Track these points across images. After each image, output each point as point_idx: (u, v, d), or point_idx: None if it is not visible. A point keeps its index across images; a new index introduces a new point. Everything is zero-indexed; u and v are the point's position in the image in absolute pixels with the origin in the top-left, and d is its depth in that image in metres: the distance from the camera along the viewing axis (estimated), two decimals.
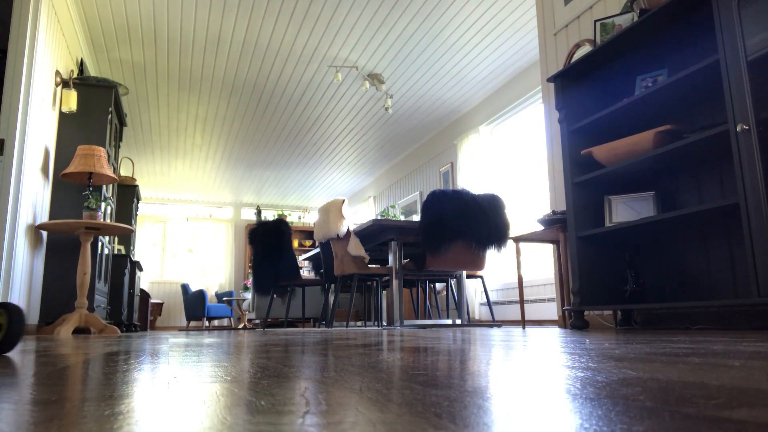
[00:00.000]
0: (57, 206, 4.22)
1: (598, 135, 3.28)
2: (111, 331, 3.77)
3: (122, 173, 7.74)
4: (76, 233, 3.92)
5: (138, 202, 6.83)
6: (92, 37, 5.05)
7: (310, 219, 11.97)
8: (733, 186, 2.71)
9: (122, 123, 5.51)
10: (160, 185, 10.03)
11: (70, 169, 3.88)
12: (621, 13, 3.18)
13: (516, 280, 5.63)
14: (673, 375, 0.68)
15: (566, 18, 3.94)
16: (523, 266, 5.65)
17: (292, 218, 11.87)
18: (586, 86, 3.34)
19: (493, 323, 4.77)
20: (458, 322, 4.67)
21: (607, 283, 3.12)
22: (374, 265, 5.19)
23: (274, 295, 5.49)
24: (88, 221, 3.76)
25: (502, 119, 6.33)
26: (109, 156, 4.51)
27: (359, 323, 7.36)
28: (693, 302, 2.46)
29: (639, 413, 0.41)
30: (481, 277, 4.75)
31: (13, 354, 1.37)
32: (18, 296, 3.50)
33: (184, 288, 9.41)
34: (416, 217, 8.14)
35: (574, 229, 3.12)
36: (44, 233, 4.12)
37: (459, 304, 4.60)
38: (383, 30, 5.00)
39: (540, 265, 5.45)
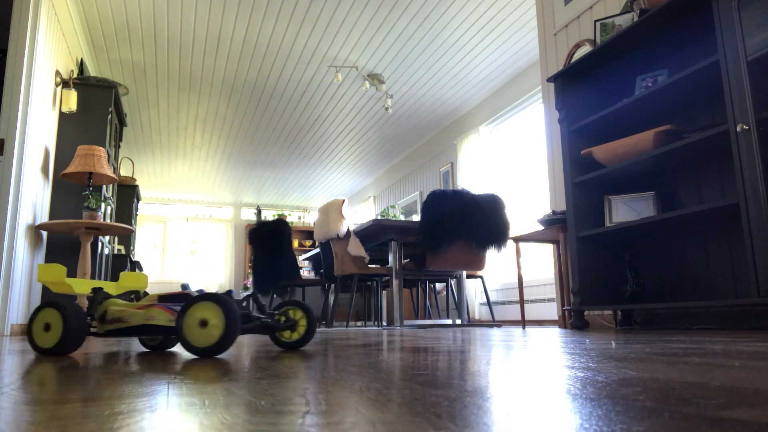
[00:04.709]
0: (57, 206, 4.22)
1: (598, 135, 3.28)
2: None
3: (122, 173, 7.74)
4: (76, 233, 3.92)
5: (138, 202, 6.84)
6: (92, 37, 5.05)
7: (310, 219, 11.97)
8: (733, 186, 2.71)
9: (122, 123, 5.51)
10: (160, 185, 10.03)
11: (70, 169, 3.88)
12: (621, 13, 3.19)
13: (516, 280, 5.63)
14: (673, 375, 0.68)
15: (566, 18, 3.94)
16: (523, 266, 5.66)
17: (292, 218, 11.86)
18: (586, 86, 3.34)
19: (493, 323, 4.77)
20: (458, 322, 4.67)
21: (607, 283, 3.12)
22: (374, 265, 5.19)
23: (274, 295, 5.49)
24: (88, 221, 3.76)
25: (502, 119, 6.33)
26: (109, 156, 4.51)
27: (359, 323, 7.36)
28: (693, 302, 2.46)
29: (639, 413, 0.41)
30: (481, 277, 4.75)
31: (6, 355, 1.37)
32: (18, 296, 3.50)
33: (184, 288, 9.40)
34: (416, 217, 8.14)
35: (574, 229, 3.12)
36: (44, 233, 4.12)
37: (459, 304, 4.60)
38: (383, 30, 5.00)
39: (540, 265, 5.45)
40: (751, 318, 2.64)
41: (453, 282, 5.15)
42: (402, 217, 8.56)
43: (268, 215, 11.60)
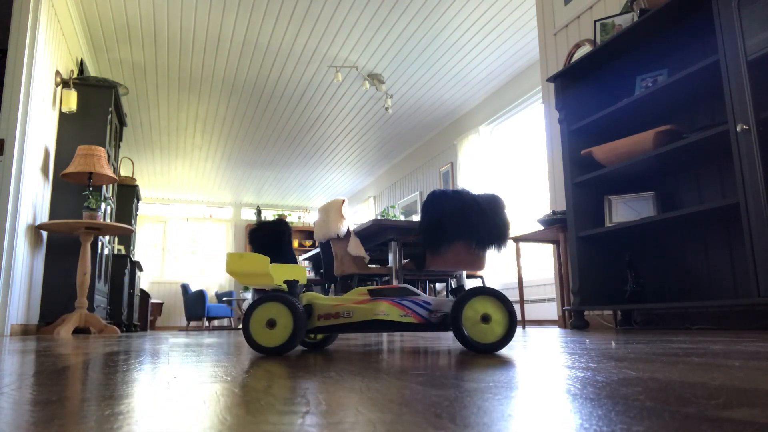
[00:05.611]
0: (57, 206, 4.22)
1: (598, 135, 3.28)
2: (111, 331, 3.77)
3: (122, 173, 7.73)
4: (76, 233, 3.92)
5: (138, 202, 6.84)
6: (92, 37, 5.05)
7: (310, 219, 11.97)
8: (733, 186, 2.71)
9: (122, 123, 5.51)
10: (160, 185, 10.03)
11: (70, 169, 3.88)
12: (621, 13, 3.19)
13: (516, 280, 5.63)
14: (673, 375, 0.68)
15: (566, 18, 3.94)
16: (523, 266, 5.65)
17: (292, 218, 11.86)
18: (586, 86, 3.34)
19: None
20: None
21: (607, 283, 3.12)
22: (374, 265, 5.19)
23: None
24: (88, 221, 3.76)
25: (502, 119, 6.33)
26: (109, 156, 4.51)
27: None
28: (693, 302, 2.46)
29: (639, 413, 0.41)
30: (481, 277, 4.75)
31: (6, 355, 1.37)
32: (18, 296, 3.50)
33: (184, 288, 9.41)
34: (416, 217, 8.14)
35: (574, 229, 3.12)
36: (44, 233, 4.12)
37: None
38: (383, 30, 5.00)
39: (540, 265, 5.45)
40: (751, 318, 2.64)
41: (453, 282, 5.15)
42: (402, 217, 8.56)
43: (268, 215, 11.60)
